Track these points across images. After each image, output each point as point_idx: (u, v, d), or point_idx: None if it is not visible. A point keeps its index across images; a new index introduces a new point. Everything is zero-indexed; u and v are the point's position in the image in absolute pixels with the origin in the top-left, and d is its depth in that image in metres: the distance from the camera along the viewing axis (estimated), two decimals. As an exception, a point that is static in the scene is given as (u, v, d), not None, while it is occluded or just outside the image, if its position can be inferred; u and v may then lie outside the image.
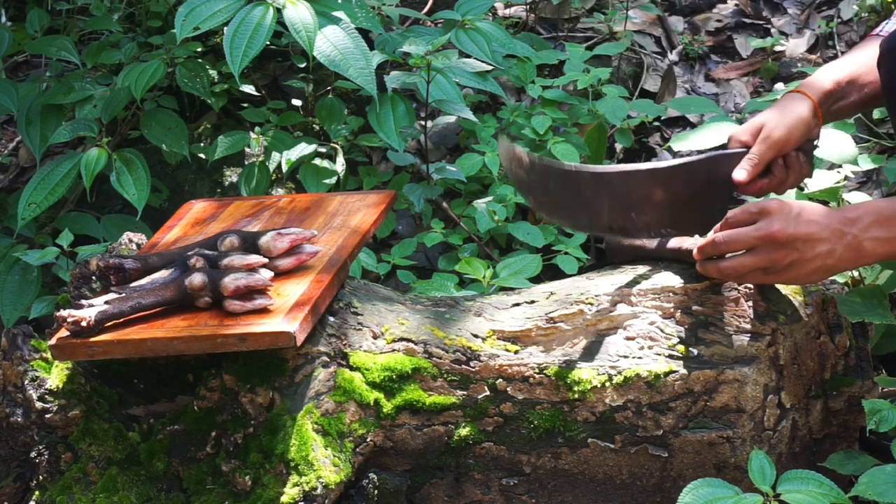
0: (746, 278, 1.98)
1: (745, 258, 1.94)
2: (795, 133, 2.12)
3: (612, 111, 3.23)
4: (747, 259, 1.94)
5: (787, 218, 1.92)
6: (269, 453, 1.92)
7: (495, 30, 3.32)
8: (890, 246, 1.94)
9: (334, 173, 3.14)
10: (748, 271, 1.95)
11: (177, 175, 3.31)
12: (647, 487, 2.01)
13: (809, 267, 1.93)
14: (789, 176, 2.14)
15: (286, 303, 1.94)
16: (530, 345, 2.04)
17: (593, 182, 2.05)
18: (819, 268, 1.94)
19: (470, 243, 3.03)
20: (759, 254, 1.93)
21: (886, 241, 1.93)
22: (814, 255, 1.92)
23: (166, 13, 3.46)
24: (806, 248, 1.92)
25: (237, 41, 2.81)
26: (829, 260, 1.93)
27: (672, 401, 1.98)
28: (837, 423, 2.08)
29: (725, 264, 1.96)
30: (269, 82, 3.49)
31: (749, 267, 1.94)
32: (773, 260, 1.93)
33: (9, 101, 3.16)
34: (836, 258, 1.93)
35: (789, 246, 1.92)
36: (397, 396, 2.02)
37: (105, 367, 2.04)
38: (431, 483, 2.05)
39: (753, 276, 1.96)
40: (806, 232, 1.92)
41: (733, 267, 1.96)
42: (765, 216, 1.93)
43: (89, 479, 1.98)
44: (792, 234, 1.91)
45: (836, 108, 2.19)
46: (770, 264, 1.94)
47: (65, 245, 2.80)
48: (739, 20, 4.03)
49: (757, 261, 1.94)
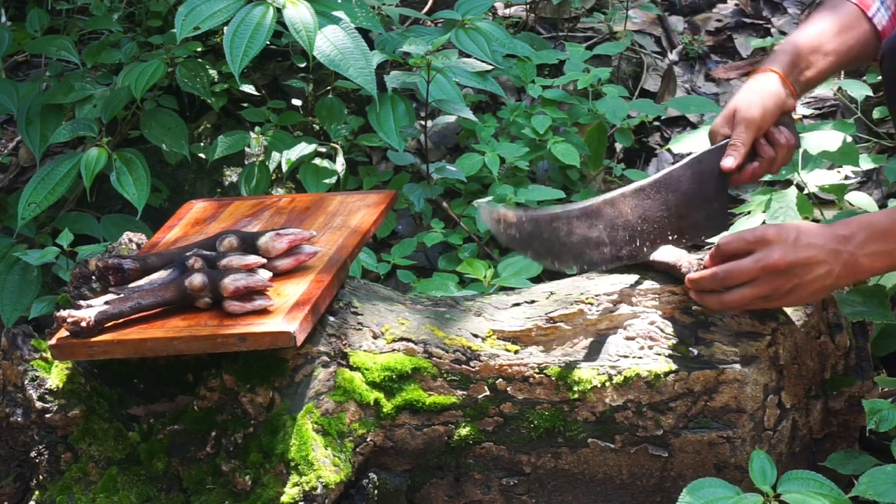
0: (749, 307, 1.96)
1: (747, 290, 1.92)
2: (769, 108, 2.12)
3: (612, 111, 3.23)
4: (748, 291, 1.92)
5: (785, 245, 1.90)
6: (269, 453, 1.92)
7: (495, 29, 3.32)
8: (887, 260, 1.93)
9: (334, 173, 3.14)
10: (748, 302, 1.94)
11: (177, 175, 3.31)
12: (647, 487, 2.01)
13: (809, 289, 1.92)
14: (777, 152, 2.14)
15: (286, 303, 1.94)
16: (530, 345, 2.04)
17: (585, 219, 2.05)
18: (819, 289, 1.93)
19: (470, 243, 3.03)
20: (760, 284, 1.92)
21: (883, 255, 1.92)
22: (813, 277, 1.91)
23: (166, 13, 3.46)
24: (805, 273, 1.91)
25: (237, 41, 2.81)
26: (827, 280, 1.92)
27: (672, 401, 1.97)
28: (837, 423, 2.08)
29: (728, 298, 1.93)
30: (269, 82, 3.49)
31: (751, 298, 1.93)
32: (774, 288, 1.92)
33: (9, 100, 3.16)
34: (835, 277, 1.92)
35: (790, 273, 1.91)
36: (397, 396, 2.02)
37: (105, 367, 2.04)
38: (431, 483, 2.05)
39: (754, 304, 1.95)
40: (805, 256, 1.90)
41: (735, 301, 1.93)
42: (763, 246, 1.91)
43: (89, 479, 1.98)
44: (792, 261, 1.90)
45: (804, 78, 2.19)
46: (771, 293, 1.92)
47: (65, 245, 2.80)
48: (739, 20, 4.03)
49: (758, 291, 1.92)
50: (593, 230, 2.05)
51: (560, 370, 2.01)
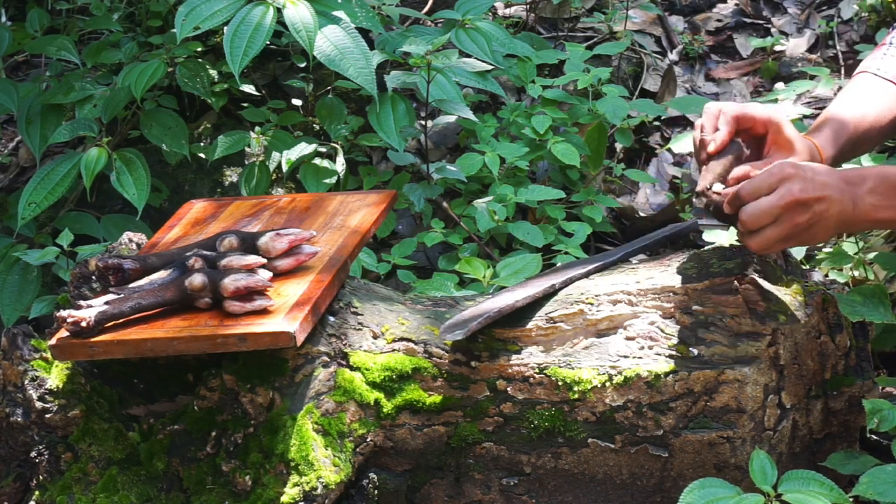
0: (775, 248, 1.94)
1: (771, 231, 1.91)
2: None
3: (612, 111, 3.23)
4: (772, 231, 1.91)
5: (804, 180, 1.89)
6: (270, 453, 1.92)
7: (495, 29, 3.32)
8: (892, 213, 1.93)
9: (334, 173, 3.14)
10: (774, 242, 1.92)
11: (177, 175, 3.31)
12: (648, 487, 2.01)
13: (823, 227, 1.91)
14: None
15: (286, 303, 1.94)
16: (530, 345, 2.04)
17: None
18: (829, 227, 1.92)
19: (470, 243, 3.03)
20: (783, 223, 1.90)
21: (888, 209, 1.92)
22: (828, 214, 1.90)
23: (166, 13, 3.46)
24: (822, 209, 1.90)
25: (237, 41, 2.81)
26: (837, 220, 1.91)
27: (672, 401, 1.97)
28: (838, 422, 2.08)
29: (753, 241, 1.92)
30: (269, 82, 3.49)
31: (775, 239, 1.91)
32: (795, 225, 1.90)
33: (9, 100, 3.16)
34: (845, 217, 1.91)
35: (809, 208, 1.89)
36: (397, 396, 2.02)
37: (105, 367, 2.04)
38: (431, 483, 2.05)
39: (781, 244, 1.93)
40: (822, 193, 1.89)
41: (761, 244, 1.92)
42: (785, 182, 1.90)
43: (89, 479, 1.98)
44: (813, 196, 1.89)
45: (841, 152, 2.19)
46: (792, 231, 1.91)
47: (65, 245, 2.80)
48: (739, 20, 4.03)
49: (781, 231, 1.90)
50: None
51: (560, 370, 2.01)
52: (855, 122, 2.20)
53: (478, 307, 2.08)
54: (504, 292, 2.17)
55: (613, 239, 3.26)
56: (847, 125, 2.19)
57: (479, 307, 2.07)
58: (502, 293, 2.16)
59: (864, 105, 2.22)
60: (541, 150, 3.18)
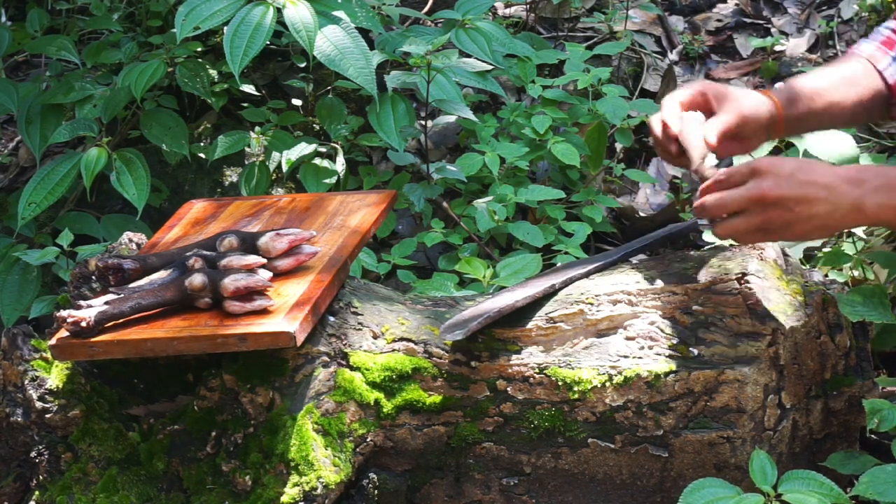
0: (744, 239, 1.95)
1: (738, 220, 1.91)
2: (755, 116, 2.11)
3: (612, 111, 3.23)
4: (739, 221, 1.91)
5: (777, 178, 1.88)
6: (270, 453, 1.92)
7: (495, 29, 3.32)
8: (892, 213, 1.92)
9: (334, 173, 3.15)
10: (742, 233, 1.92)
11: (177, 175, 3.31)
12: (648, 487, 2.01)
13: (808, 226, 1.90)
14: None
15: (286, 303, 1.94)
16: (530, 345, 2.04)
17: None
18: (819, 226, 1.90)
19: (470, 243, 3.03)
20: (751, 215, 1.90)
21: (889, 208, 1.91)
22: (810, 214, 1.88)
23: (166, 13, 3.46)
24: (801, 209, 1.88)
25: (237, 41, 2.81)
26: (829, 220, 1.89)
27: (672, 401, 1.97)
28: (838, 422, 2.08)
29: (720, 226, 1.93)
30: (269, 82, 3.49)
31: (743, 229, 1.91)
32: (767, 220, 1.90)
33: (9, 100, 3.17)
34: (838, 218, 1.90)
35: (782, 206, 1.88)
36: (397, 396, 2.02)
37: (105, 367, 2.04)
38: (431, 483, 2.05)
39: (752, 236, 1.93)
40: (801, 193, 1.88)
41: (726, 230, 1.93)
42: (755, 176, 1.90)
43: (89, 479, 1.98)
44: (784, 194, 1.88)
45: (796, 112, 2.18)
46: (765, 225, 1.90)
47: (65, 245, 2.80)
48: (739, 20, 4.03)
49: (749, 222, 1.90)
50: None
51: (560, 370, 2.01)
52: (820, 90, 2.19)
53: (478, 307, 2.08)
54: (504, 292, 2.17)
55: (613, 239, 3.26)
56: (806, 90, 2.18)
57: (479, 307, 2.07)
58: (502, 293, 2.16)
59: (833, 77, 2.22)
60: (541, 150, 3.18)
